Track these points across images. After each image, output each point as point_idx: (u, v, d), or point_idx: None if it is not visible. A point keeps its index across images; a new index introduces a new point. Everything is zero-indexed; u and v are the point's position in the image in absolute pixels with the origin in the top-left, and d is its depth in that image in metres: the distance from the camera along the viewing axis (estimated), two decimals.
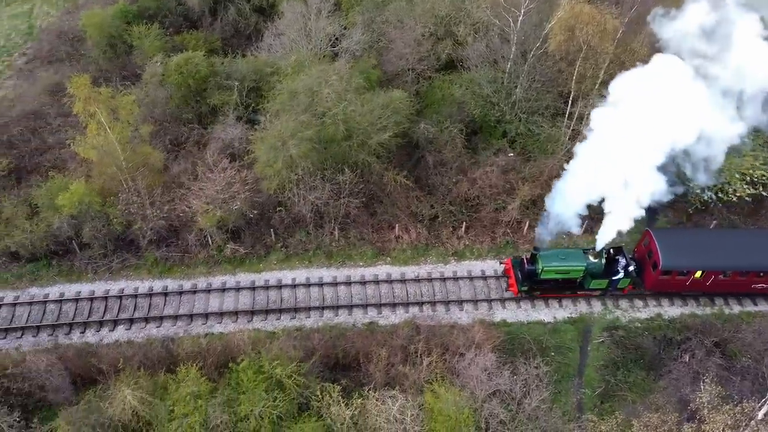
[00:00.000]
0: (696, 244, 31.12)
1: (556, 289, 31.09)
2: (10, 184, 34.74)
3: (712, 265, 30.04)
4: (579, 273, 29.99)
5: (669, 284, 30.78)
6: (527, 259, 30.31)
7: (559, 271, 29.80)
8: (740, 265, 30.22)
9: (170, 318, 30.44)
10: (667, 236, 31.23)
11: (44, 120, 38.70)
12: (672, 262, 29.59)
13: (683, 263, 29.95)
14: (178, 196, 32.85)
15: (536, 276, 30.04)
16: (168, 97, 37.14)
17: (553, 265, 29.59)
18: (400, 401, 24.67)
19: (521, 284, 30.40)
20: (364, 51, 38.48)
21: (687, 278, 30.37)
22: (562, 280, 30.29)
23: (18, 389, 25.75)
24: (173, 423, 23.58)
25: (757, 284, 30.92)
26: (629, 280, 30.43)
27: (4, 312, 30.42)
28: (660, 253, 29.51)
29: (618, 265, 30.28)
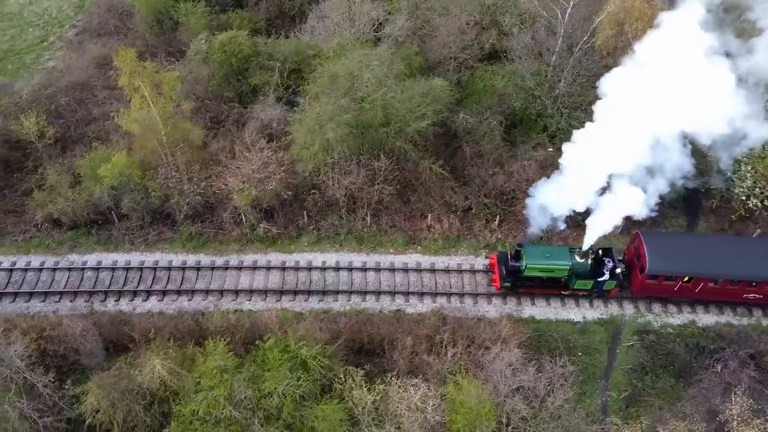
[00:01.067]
0: (686, 249, 30.17)
1: (540, 287, 30.49)
2: (55, 153, 35.74)
3: (701, 272, 29.24)
4: (564, 272, 29.38)
5: (656, 289, 30.04)
6: (512, 255, 29.85)
7: (543, 269, 29.28)
8: (731, 274, 29.29)
9: (201, 292, 31.02)
10: (657, 240, 30.38)
11: (91, 91, 39.62)
12: (659, 266, 28.87)
13: (670, 268, 29.18)
14: (215, 173, 33.31)
15: (520, 273, 29.53)
16: (210, 74, 37.58)
17: (537, 263, 29.12)
18: (423, 390, 24.71)
19: (504, 280, 29.90)
20: (407, 37, 38.18)
21: (675, 284, 29.60)
22: (547, 278, 29.74)
23: (54, 351, 26.64)
24: (199, 395, 24.05)
25: (749, 294, 29.84)
26: (615, 282, 29.69)
27: (44, 276, 31.46)
28: (647, 257, 28.79)
29: (605, 266, 29.65)
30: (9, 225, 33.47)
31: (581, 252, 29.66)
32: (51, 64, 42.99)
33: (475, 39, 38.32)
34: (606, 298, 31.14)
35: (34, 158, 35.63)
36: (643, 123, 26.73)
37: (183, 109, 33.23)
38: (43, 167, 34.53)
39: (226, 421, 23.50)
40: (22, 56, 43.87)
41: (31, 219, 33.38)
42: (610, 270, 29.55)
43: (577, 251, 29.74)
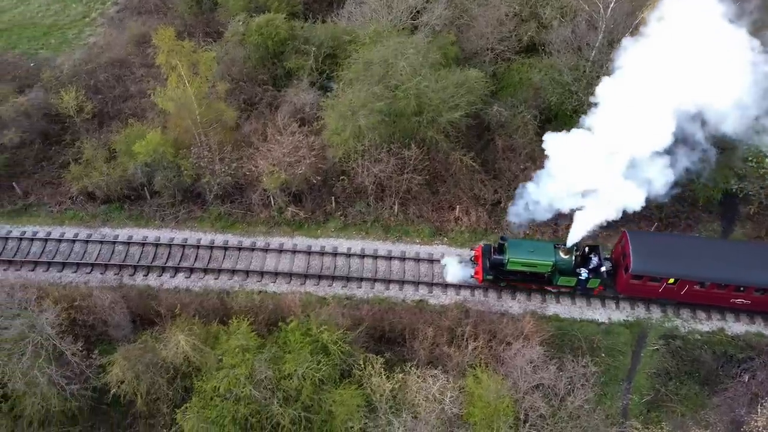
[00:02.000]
0: (673, 250, 29.32)
1: (523, 282, 30.11)
2: (93, 128, 36.45)
3: (687, 275, 28.55)
4: (547, 268, 28.92)
5: (640, 289, 29.50)
6: (495, 248, 29.49)
7: (526, 264, 28.88)
8: (718, 277, 28.52)
9: (227, 272, 31.42)
10: (643, 239, 29.70)
11: (129, 69, 40.21)
12: (643, 266, 28.31)
13: (655, 269, 28.56)
14: (246, 155, 33.58)
15: (503, 266, 29.12)
16: (246, 56, 37.79)
17: (520, 258, 28.71)
18: (441, 381, 24.71)
19: (487, 273, 29.53)
20: (444, 26, 37.79)
21: (660, 285, 28.95)
22: (530, 273, 29.25)
23: (83, 321, 27.31)
24: (221, 372, 24.44)
25: (737, 299, 29.08)
26: (599, 280, 29.16)
27: (77, 247, 32.22)
28: (632, 257, 28.19)
29: (590, 264, 29.13)
30: (46, 196, 34.34)
31: (565, 248, 29.16)
32: (92, 40, 43.73)
33: (513, 31, 37.72)
34: (618, 298, 30.63)
35: (72, 132, 36.42)
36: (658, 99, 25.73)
37: (218, 89, 33.51)
38: (80, 141, 35.30)
39: (246, 399, 23.83)
40: (64, 31, 44.71)
41: (66, 191, 34.19)
42: (594, 267, 29.01)
43: (562, 247, 29.25)
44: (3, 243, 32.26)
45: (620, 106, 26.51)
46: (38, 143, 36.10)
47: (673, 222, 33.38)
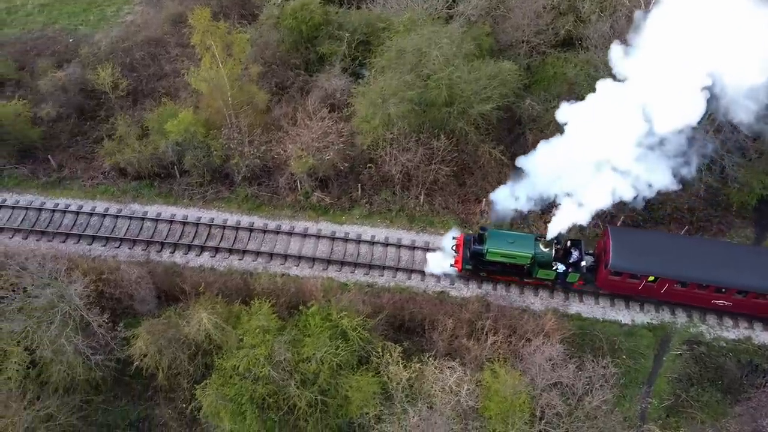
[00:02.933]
0: (655, 248, 28.78)
1: (502, 273, 29.93)
2: (127, 105, 37.03)
3: (667, 273, 28.11)
4: (526, 260, 28.62)
5: (619, 286, 29.17)
6: (475, 238, 29.17)
7: (505, 255, 28.63)
8: (699, 278, 28.03)
9: (252, 253, 31.75)
10: (625, 236, 29.31)
11: (164, 48, 40.63)
12: (622, 263, 27.96)
13: (634, 266, 28.18)
14: (275, 138, 33.78)
15: (482, 257, 28.90)
16: (280, 40, 37.90)
17: (499, 249, 28.53)
18: (458, 374, 24.69)
19: (466, 262, 29.36)
20: (480, 17, 37.36)
21: (639, 282, 28.58)
22: (509, 264, 29.00)
23: (110, 294, 27.91)
24: (241, 351, 24.81)
25: (718, 300, 28.61)
26: (578, 274, 28.82)
27: (107, 222, 32.88)
28: (611, 252, 27.80)
29: (570, 258, 28.71)
30: (79, 170, 35.06)
31: (545, 241, 28.85)
32: (129, 18, 44.23)
33: (550, 24, 37.11)
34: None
35: (107, 108, 37.05)
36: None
37: (250, 72, 33.69)
38: (114, 118, 35.86)
39: (264, 379, 24.16)
40: (103, 9, 45.31)
41: (99, 166, 34.86)
42: (574, 262, 28.77)
43: (542, 240, 28.95)
44: (37, 214, 33.09)
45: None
46: (74, 118, 36.82)
47: (705, 226, 32.67)
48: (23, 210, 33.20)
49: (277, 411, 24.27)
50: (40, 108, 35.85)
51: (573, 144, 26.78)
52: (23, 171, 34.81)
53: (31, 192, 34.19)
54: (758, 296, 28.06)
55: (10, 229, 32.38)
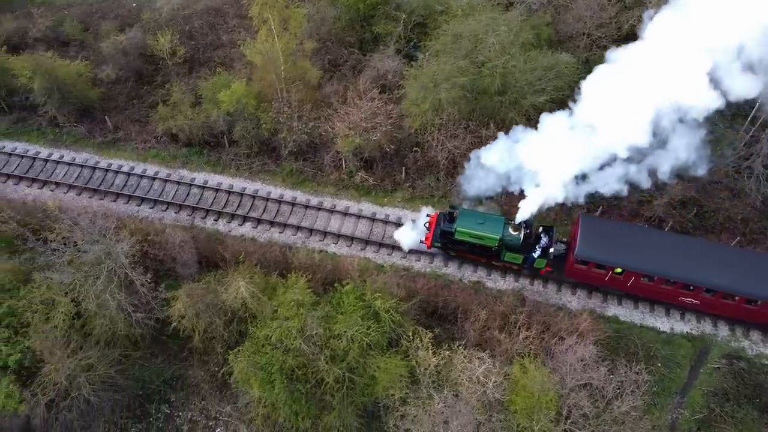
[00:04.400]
0: (625, 240, 28.02)
1: (471, 253, 29.80)
2: (183, 72, 37.77)
3: (634, 266, 27.43)
4: (493, 242, 28.29)
5: (586, 275, 28.70)
6: (447, 216, 29.07)
7: (473, 235, 28.41)
8: (666, 273, 27.25)
9: (292, 227, 32.19)
10: (596, 225, 28.74)
11: (223, 18, 41.18)
12: (587, 252, 27.45)
13: (599, 256, 27.60)
14: (324, 115, 33.94)
15: (452, 235, 28.78)
16: (337, 17, 37.90)
17: (468, 228, 28.35)
18: (487, 365, 24.60)
19: (435, 240, 29.37)
20: (541, 6, 36.46)
21: (606, 273, 28.02)
22: (478, 245, 28.76)
23: (154, 255, 28.81)
24: (274, 322, 25.25)
25: (686, 298, 27.90)
26: (545, 260, 28.44)
27: (156, 185, 33.81)
28: (578, 240, 27.40)
29: (540, 243, 28.39)
30: (133, 133, 36.09)
31: (515, 224, 28.45)
32: None
33: (614, 17, 35.89)
34: (638, 298, 29.58)
35: (164, 74, 37.90)
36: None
37: (305, 47, 33.85)
38: (169, 84, 36.69)
39: (295, 352, 24.59)
40: None
41: (152, 130, 35.77)
42: (542, 248, 28.32)
43: (512, 223, 28.52)
44: (91, 172, 34.28)
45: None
46: (132, 81, 37.87)
47: (758, 239, 31.40)
48: (79, 167, 34.46)
49: (304, 383, 24.71)
50: (101, 69, 36.98)
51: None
52: (81, 130, 36.05)
53: (87, 151, 35.41)
54: (726, 297, 27.28)
55: (65, 185, 33.69)
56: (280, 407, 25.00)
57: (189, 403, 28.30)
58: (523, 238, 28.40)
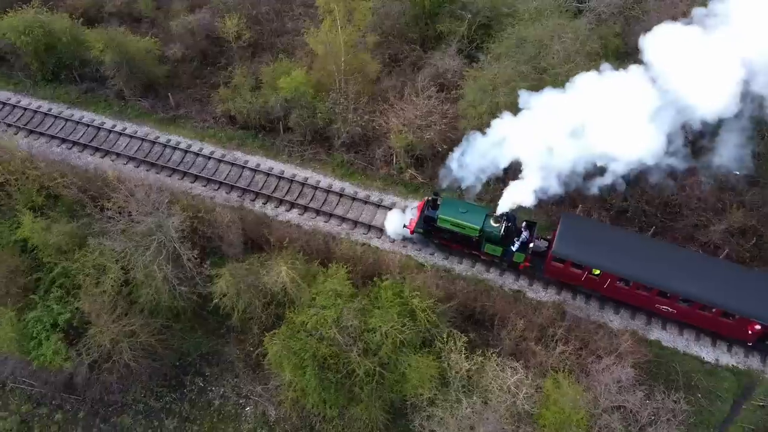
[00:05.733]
0: (605, 241, 27.78)
1: (453, 242, 30.00)
2: (246, 56, 38.50)
3: (610, 268, 27.11)
4: (474, 232, 28.45)
5: (563, 273, 28.48)
6: (431, 203, 29.44)
7: (454, 223, 28.62)
8: (643, 278, 26.81)
9: (337, 218, 32.46)
10: (576, 224, 28.66)
11: (289, 5, 41.74)
12: (564, 250, 27.33)
13: (576, 255, 27.39)
14: (379, 109, 34.03)
15: (434, 222, 29.11)
16: (401, 12, 37.87)
17: (449, 216, 28.58)
18: (520, 375, 24.26)
19: (419, 226, 29.72)
20: (612, 15, 35.47)
21: (583, 273, 27.74)
22: (460, 234, 28.96)
23: (202, 232, 29.53)
24: (312, 310, 25.57)
25: (662, 305, 27.39)
26: (524, 255, 28.44)
27: (210, 164, 34.66)
28: (556, 238, 27.44)
29: (520, 238, 28.42)
30: (194, 111, 37.05)
31: (495, 217, 28.45)
32: None
33: None
34: (683, 324, 28.68)
35: (227, 57, 38.71)
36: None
37: (367, 40, 33.98)
38: (232, 67, 37.48)
39: (329, 340, 24.83)
40: None
41: (212, 111, 36.63)
42: (521, 242, 28.30)
43: (493, 215, 28.35)
44: (150, 146, 35.40)
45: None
46: (197, 61, 38.86)
47: None
48: (139, 140, 35.64)
49: (335, 373, 24.92)
50: (169, 48, 38.08)
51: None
52: (145, 105, 37.25)
53: (149, 125, 36.57)
54: (703, 308, 26.66)
55: (125, 156, 34.92)
56: (309, 393, 25.34)
57: (222, 379, 29.00)
58: (504, 231, 28.41)
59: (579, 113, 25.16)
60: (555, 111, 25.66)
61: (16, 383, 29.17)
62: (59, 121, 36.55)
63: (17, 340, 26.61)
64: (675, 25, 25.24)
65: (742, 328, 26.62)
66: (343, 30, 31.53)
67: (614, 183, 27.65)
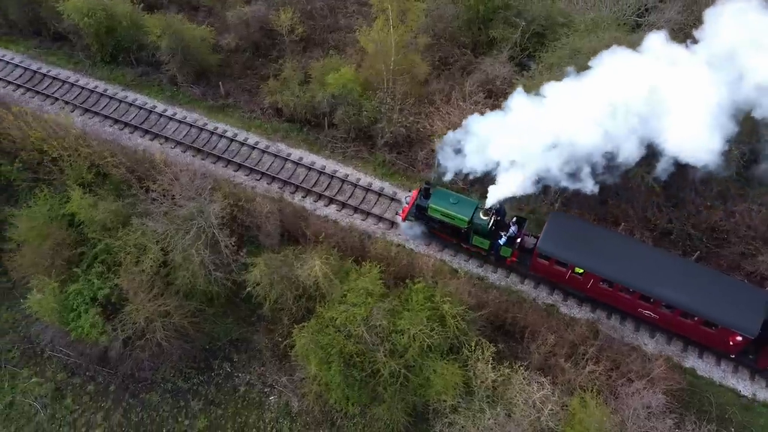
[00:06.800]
0: (591, 241, 27.49)
1: (443, 232, 30.52)
2: (297, 50, 38.95)
3: (594, 268, 27.09)
4: (463, 223, 28.87)
5: (547, 270, 28.54)
6: (423, 192, 29.86)
7: (444, 213, 29.16)
8: (625, 281, 26.62)
9: (375, 217, 32.52)
10: (565, 223, 28.60)
11: (344, 2, 42.06)
12: (549, 247, 27.53)
13: (560, 252, 27.49)
14: (425, 111, 33.93)
15: (425, 211, 29.72)
16: (455, 16, 37.68)
17: (440, 206, 29.13)
18: (546, 391, 23.85)
19: (411, 213, 30.33)
20: (672, 32, 34.47)
21: (567, 271, 27.77)
22: (449, 225, 29.47)
23: (241, 221, 30.02)
24: (342, 306, 25.70)
25: (644, 310, 27.07)
26: (511, 250, 28.66)
27: (254, 154, 35.18)
28: (542, 235, 27.65)
29: (507, 232, 28.63)
30: (242, 101, 37.69)
31: (484, 210, 28.67)
32: None
33: None
34: (721, 355, 27.75)
35: (279, 50, 39.23)
36: None
37: (418, 42, 33.93)
38: (283, 59, 37.96)
39: (356, 338, 24.89)
40: None
41: (260, 102, 37.19)
42: (508, 237, 28.48)
43: (483, 208, 28.52)
44: (198, 132, 36.16)
45: None
46: (249, 52, 39.50)
47: None
48: (188, 126, 36.45)
49: (360, 371, 24.98)
50: (223, 37, 38.84)
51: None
52: (196, 92, 38.07)
53: (198, 112, 37.36)
54: (685, 315, 26.23)
55: (173, 140, 35.76)
56: (333, 389, 25.47)
57: (249, 366, 29.42)
58: (492, 224, 28.56)
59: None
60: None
61: (54, 352, 30.20)
62: (113, 102, 37.69)
63: (58, 311, 27.55)
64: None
65: (724, 339, 26.11)
66: (395, 30, 31.55)
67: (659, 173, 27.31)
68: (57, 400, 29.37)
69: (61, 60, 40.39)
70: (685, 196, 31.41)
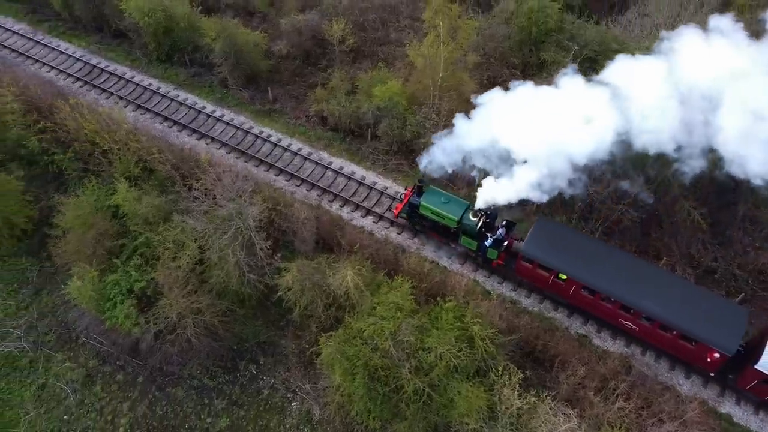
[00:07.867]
0: (575, 248, 27.59)
1: (434, 231, 31.03)
2: (347, 60, 39.34)
3: (576, 275, 27.12)
4: (452, 223, 29.49)
5: (530, 274, 28.79)
6: (416, 190, 30.49)
7: (434, 212, 29.82)
8: (606, 290, 26.59)
9: (410, 231, 32.37)
10: (549, 228, 28.80)
11: (396, 16, 42.28)
12: (533, 251, 27.79)
13: (543, 256, 27.69)
14: None
15: (417, 209, 30.38)
16: (506, 36, 37.49)
17: (431, 205, 29.78)
18: (572, 424, 23.19)
19: (404, 211, 31.20)
20: None
21: (549, 276, 27.94)
22: (440, 224, 30.11)
23: (278, 225, 30.29)
24: (370, 318, 25.56)
25: (625, 320, 26.99)
26: (497, 252, 29.07)
27: (296, 160, 35.56)
28: (526, 238, 28.00)
29: (496, 234, 29.07)
30: (288, 108, 38.23)
31: (474, 211, 29.35)
32: None
33: None
34: (761, 403, 26.59)
35: (329, 59, 39.70)
36: None
37: (467, 59, 33.84)
38: (332, 69, 38.39)
39: (382, 352, 24.72)
40: None
41: (306, 109, 37.68)
42: (495, 239, 28.97)
43: (472, 210, 29.28)
44: (243, 135, 36.80)
45: None
46: (299, 60, 40.10)
47: None
48: (234, 128, 37.13)
49: (384, 385, 24.79)
50: (275, 43, 39.53)
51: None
52: (244, 95, 38.80)
53: (245, 115, 38.04)
54: (663, 328, 25.99)
55: (219, 141, 36.47)
56: (355, 400, 25.34)
57: (275, 370, 29.55)
58: (481, 226, 29.07)
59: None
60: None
61: (88, 338, 30.96)
62: (165, 100, 38.73)
63: (95, 299, 28.26)
64: None
65: (702, 356, 25.42)
66: (445, 46, 31.55)
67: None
68: (87, 386, 30.06)
69: (119, 56, 41.81)
70: (733, 234, 30.35)
